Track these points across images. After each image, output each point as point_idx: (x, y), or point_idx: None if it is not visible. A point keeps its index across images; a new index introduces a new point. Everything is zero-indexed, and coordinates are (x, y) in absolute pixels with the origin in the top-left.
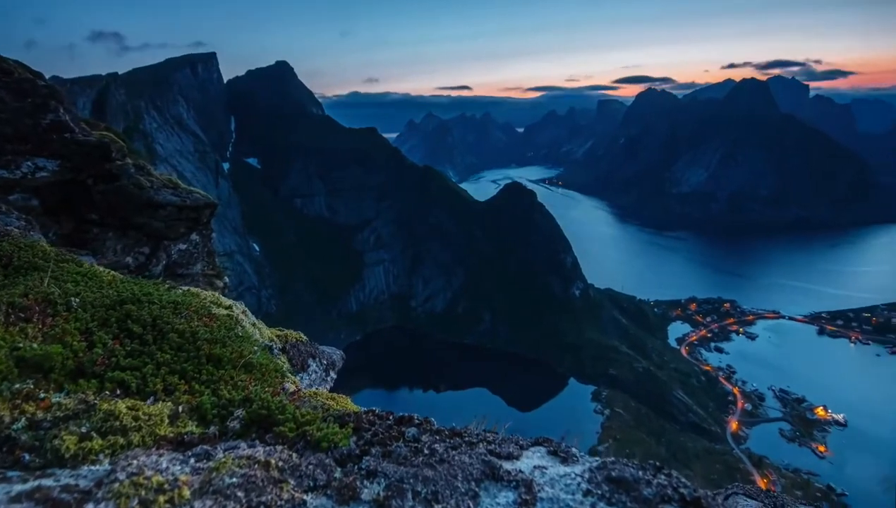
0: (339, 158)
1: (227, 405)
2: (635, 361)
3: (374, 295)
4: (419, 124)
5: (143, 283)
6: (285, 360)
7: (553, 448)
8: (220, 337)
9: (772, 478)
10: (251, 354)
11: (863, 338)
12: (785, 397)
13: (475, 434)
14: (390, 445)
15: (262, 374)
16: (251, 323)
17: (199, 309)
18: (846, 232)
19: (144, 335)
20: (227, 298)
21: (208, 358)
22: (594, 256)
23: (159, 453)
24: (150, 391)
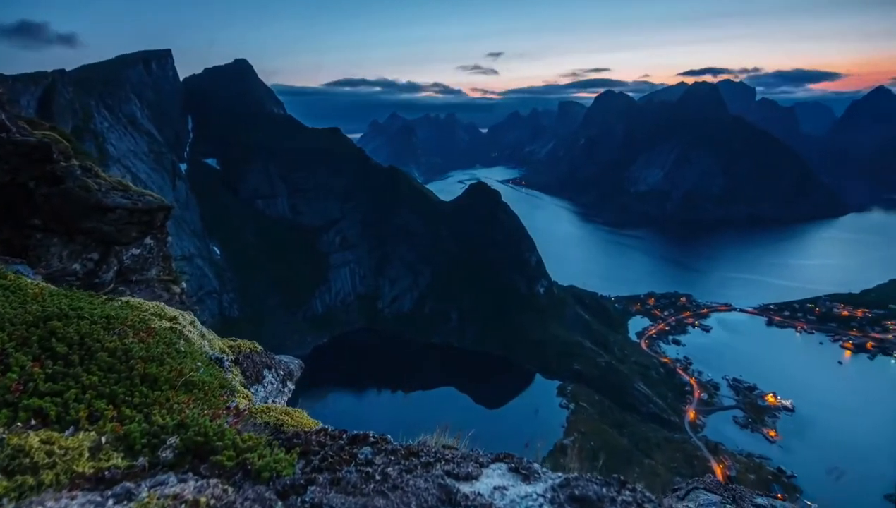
0: (302, 158)
1: (160, 432)
2: (598, 356)
3: (340, 297)
4: (383, 124)
5: (76, 296)
6: (238, 373)
7: (514, 465)
8: (158, 353)
9: (727, 464)
10: (193, 371)
11: (807, 328)
12: (738, 386)
13: (432, 453)
14: (340, 470)
15: (205, 393)
16: (199, 335)
17: (136, 324)
18: (791, 227)
19: (70, 355)
20: (179, 306)
21: (142, 378)
22: (557, 254)
23: (72, 495)
24: (72, 419)
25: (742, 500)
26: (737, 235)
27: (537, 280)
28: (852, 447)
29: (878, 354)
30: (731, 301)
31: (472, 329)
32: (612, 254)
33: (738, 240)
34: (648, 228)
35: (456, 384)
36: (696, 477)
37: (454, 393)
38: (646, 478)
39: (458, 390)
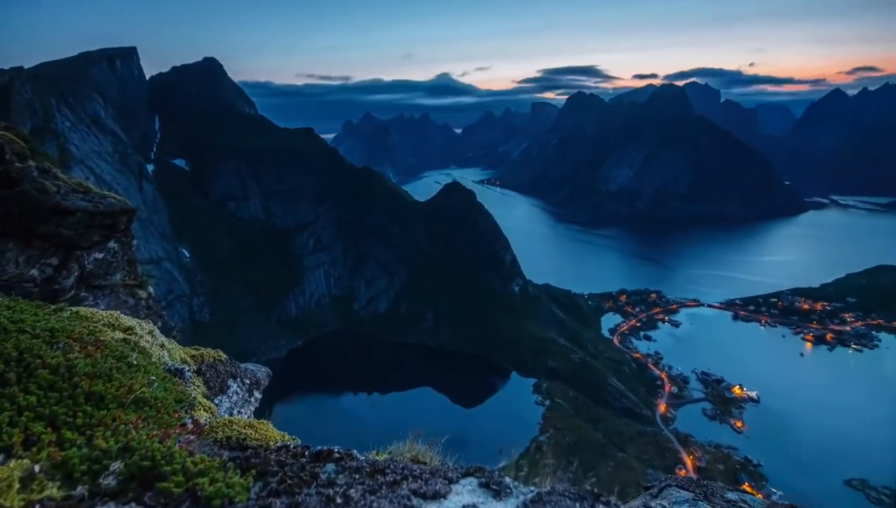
0: (275, 159)
1: (102, 457)
2: (572, 352)
3: (315, 299)
4: (357, 125)
5: (19, 306)
6: (200, 384)
7: (485, 480)
8: (106, 369)
9: (697, 455)
10: (144, 387)
11: (771, 321)
12: (706, 378)
13: (399, 469)
14: (299, 493)
15: (157, 411)
16: (158, 345)
17: (84, 336)
18: (754, 224)
19: (6, 373)
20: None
21: (87, 396)
22: (532, 253)
23: None
24: (3, 446)
25: (713, 496)
26: (704, 233)
27: (512, 279)
28: (814, 435)
29: (836, 345)
30: (699, 296)
31: (449, 328)
32: (585, 252)
33: (705, 238)
34: (620, 226)
35: (433, 384)
36: (668, 475)
37: (431, 393)
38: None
39: (434, 390)
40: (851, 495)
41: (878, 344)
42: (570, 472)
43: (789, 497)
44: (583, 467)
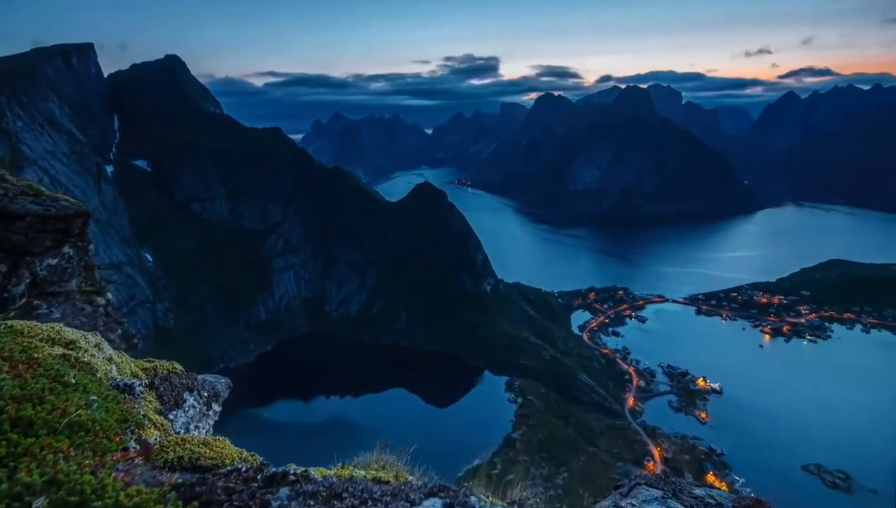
0: (241, 160)
1: (24, 493)
2: (543, 350)
3: (284, 302)
4: (326, 125)
5: None
6: (153, 399)
7: (450, 500)
8: (37, 390)
9: (664, 446)
10: (82, 408)
11: (731, 315)
12: (672, 372)
13: (358, 492)
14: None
15: (95, 435)
16: (105, 359)
17: (16, 354)
18: (716, 222)
19: None
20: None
21: (14, 422)
22: (503, 252)
23: None
24: None
25: (682, 493)
26: (668, 231)
27: (484, 278)
28: (773, 423)
29: (793, 337)
30: (664, 292)
31: (421, 328)
32: (554, 250)
33: (670, 235)
34: (588, 225)
35: (406, 384)
36: (638, 473)
37: (404, 394)
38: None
39: (408, 390)
40: (808, 479)
41: (831, 335)
42: (542, 468)
43: (751, 484)
44: (555, 462)
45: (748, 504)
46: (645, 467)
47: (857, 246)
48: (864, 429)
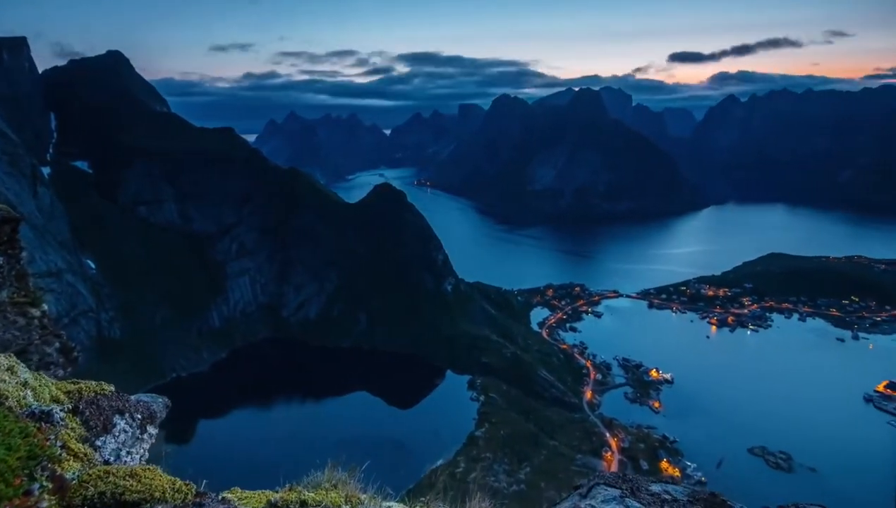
0: (191, 161)
1: None
2: (504, 347)
3: (239, 308)
4: (281, 125)
5: None
6: (77, 425)
7: None
8: None
9: (620, 437)
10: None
11: (681, 308)
12: (626, 364)
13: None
14: None
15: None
16: (20, 384)
17: None
18: (664, 220)
19: None
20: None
21: None
22: (463, 252)
23: None
24: None
25: (639, 490)
26: (621, 228)
27: (445, 278)
28: (721, 409)
29: (737, 327)
30: (618, 288)
31: (382, 330)
32: (513, 249)
33: (623, 233)
34: (545, 224)
35: (368, 387)
36: (597, 473)
37: (366, 397)
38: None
39: (370, 393)
40: (753, 461)
41: (771, 324)
42: (505, 464)
43: (702, 468)
44: (517, 458)
45: (703, 498)
46: (603, 458)
47: (793, 240)
48: (801, 412)
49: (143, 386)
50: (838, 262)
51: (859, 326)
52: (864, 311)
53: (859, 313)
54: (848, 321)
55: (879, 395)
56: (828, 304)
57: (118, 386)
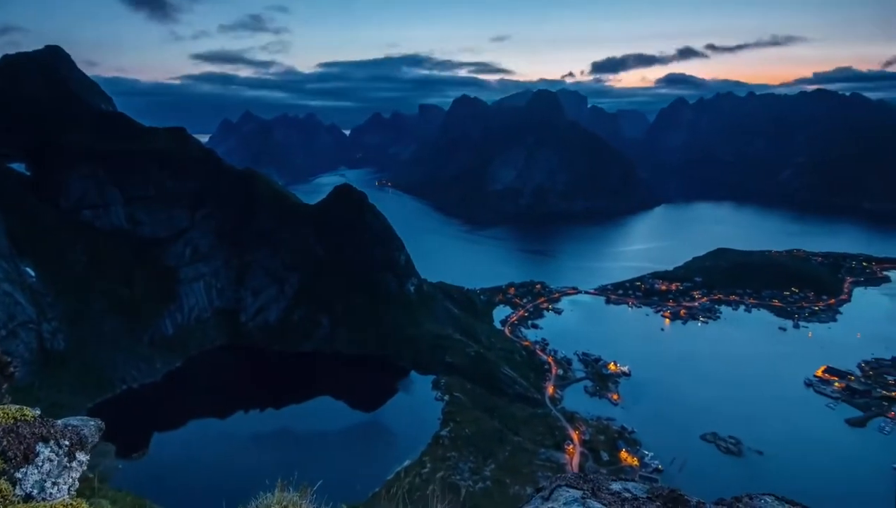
0: (139, 162)
1: None
2: (467, 346)
3: (194, 315)
4: (236, 125)
5: None
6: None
7: None
8: None
9: (581, 429)
10: None
11: (637, 303)
12: (586, 359)
13: None
14: None
15: None
16: None
17: None
18: (620, 217)
19: None
20: None
21: None
22: (426, 252)
23: None
24: None
25: (600, 490)
26: (579, 226)
27: (407, 278)
28: (675, 398)
29: (689, 320)
30: (577, 284)
31: (345, 333)
32: (475, 248)
33: (580, 231)
34: (506, 223)
35: (331, 391)
36: (558, 475)
37: (329, 402)
38: (516, 455)
39: (333, 397)
40: (706, 447)
41: (720, 316)
42: (470, 462)
43: (658, 457)
44: (482, 455)
45: (662, 494)
46: (566, 451)
47: (738, 236)
48: (749, 398)
49: (92, 399)
50: (780, 256)
51: (799, 316)
52: (803, 301)
53: (799, 303)
54: (789, 311)
55: (818, 380)
56: (771, 296)
57: (64, 400)
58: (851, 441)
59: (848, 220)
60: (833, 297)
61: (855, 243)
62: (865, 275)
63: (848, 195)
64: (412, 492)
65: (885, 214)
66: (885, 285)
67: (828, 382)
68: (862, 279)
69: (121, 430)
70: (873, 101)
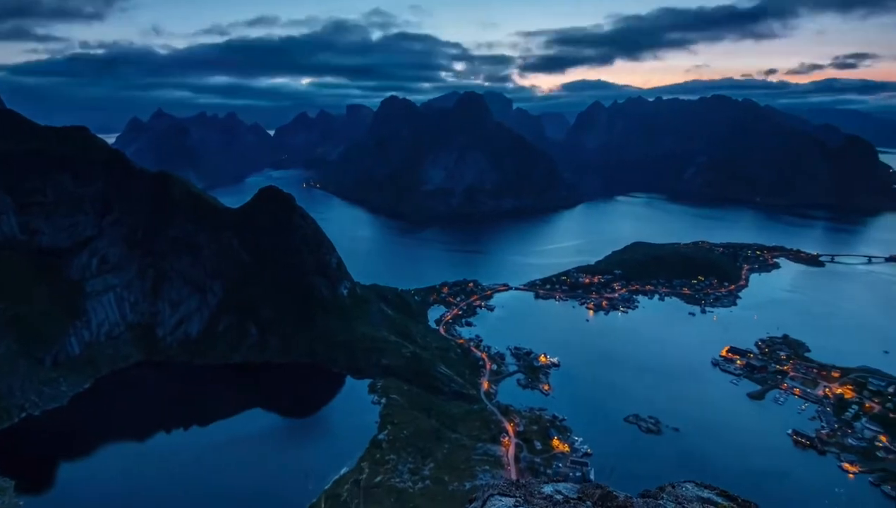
0: (35, 164)
1: None
2: (403, 347)
3: (105, 331)
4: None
5: None
6: None
7: None
8: None
9: (516, 421)
10: None
11: (563, 296)
12: (518, 352)
13: None
14: None
15: None
16: None
17: None
18: (545, 215)
19: None
20: None
21: None
22: (358, 254)
23: None
24: None
25: (532, 496)
26: (508, 224)
27: (340, 282)
28: (600, 385)
29: (610, 310)
30: (508, 281)
31: (275, 340)
32: (408, 249)
33: (509, 229)
34: (438, 223)
35: (262, 403)
36: (490, 483)
37: (260, 414)
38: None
39: (263, 409)
40: (629, 428)
41: (638, 305)
42: (409, 463)
43: (588, 441)
44: (421, 455)
45: (591, 493)
46: (502, 443)
47: (652, 230)
48: (664, 379)
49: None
50: (686, 247)
51: (705, 302)
52: (708, 288)
53: (705, 290)
54: (697, 298)
55: (723, 359)
56: (681, 284)
57: None
58: (753, 412)
59: (743, 213)
60: (733, 284)
61: (749, 234)
62: (759, 263)
63: (742, 190)
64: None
65: (773, 207)
66: (775, 271)
67: (731, 360)
68: (756, 266)
69: (21, 463)
70: (761, 107)
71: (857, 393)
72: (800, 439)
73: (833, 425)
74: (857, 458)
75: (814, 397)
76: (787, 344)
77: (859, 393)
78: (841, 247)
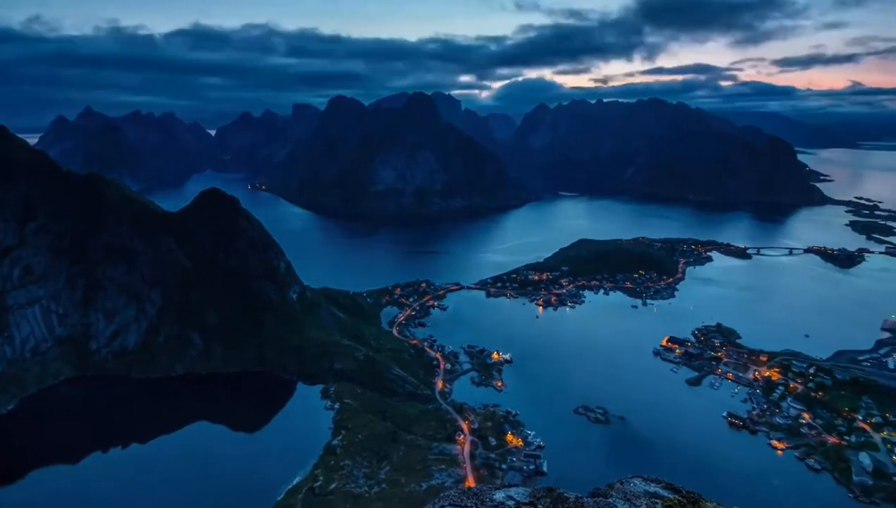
0: None
1: None
2: (356, 350)
3: (30, 346)
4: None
5: None
6: None
7: None
8: None
9: (471, 419)
10: None
11: (513, 294)
12: (471, 351)
13: None
14: None
15: None
16: None
17: None
18: (495, 215)
19: None
20: None
21: None
22: (308, 257)
23: None
24: None
25: (483, 504)
26: (458, 224)
27: (289, 286)
28: (550, 379)
29: (559, 306)
30: (459, 280)
31: (221, 349)
32: (359, 251)
33: (460, 228)
34: (389, 224)
35: (208, 416)
36: (442, 494)
37: (207, 427)
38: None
39: (210, 422)
40: (578, 419)
41: (584, 300)
42: (364, 467)
43: (539, 435)
44: (376, 458)
45: (541, 495)
46: (457, 441)
47: (596, 227)
48: (610, 370)
49: None
50: (628, 243)
51: (646, 294)
52: (648, 282)
53: (646, 284)
54: (638, 291)
55: (663, 349)
56: (624, 279)
57: None
58: (691, 398)
59: (679, 210)
60: (671, 277)
61: (684, 229)
62: (694, 256)
63: (677, 188)
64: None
65: (705, 204)
66: (708, 264)
67: (670, 350)
68: (692, 259)
69: None
70: (692, 109)
71: (782, 375)
72: (734, 420)
73: (762, 406)
74: (784, 436)
75: (745, 381)
76: (721, 332)
77: (784, 375)
78: (766, 239)
